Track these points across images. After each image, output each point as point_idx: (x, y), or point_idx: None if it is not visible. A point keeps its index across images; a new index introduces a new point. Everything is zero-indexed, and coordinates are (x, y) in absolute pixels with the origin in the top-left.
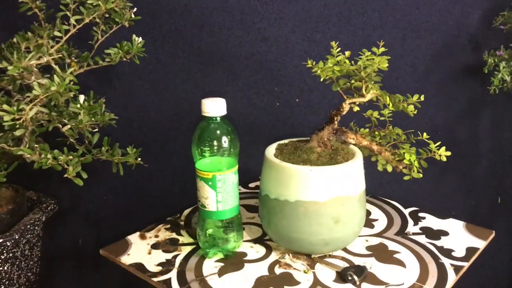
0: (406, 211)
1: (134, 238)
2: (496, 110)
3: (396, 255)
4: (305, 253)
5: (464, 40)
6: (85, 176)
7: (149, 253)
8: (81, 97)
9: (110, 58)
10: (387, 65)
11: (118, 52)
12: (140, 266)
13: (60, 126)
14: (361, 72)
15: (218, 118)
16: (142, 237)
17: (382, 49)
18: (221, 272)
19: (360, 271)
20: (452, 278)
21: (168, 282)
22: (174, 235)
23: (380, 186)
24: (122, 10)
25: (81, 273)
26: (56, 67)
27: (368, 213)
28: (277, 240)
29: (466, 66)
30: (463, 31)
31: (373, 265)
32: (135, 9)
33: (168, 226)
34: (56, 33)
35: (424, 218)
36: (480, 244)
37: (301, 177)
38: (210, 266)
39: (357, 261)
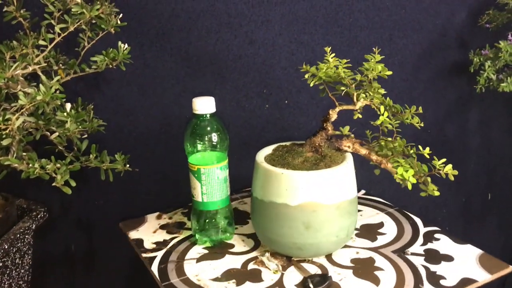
0: (423, 229)
1: (151, 217)
2: (483, 108)
3: (377, 272)
4: (285, 254)
5: (450, 39)
6: (73, 184)
7: (154, 231)
8: (68, 105)
9: (96, 65)
10: (389, 73)
11: (104, 59)
12: (139, 242)
13: (48, 134)
14: (357, 77)
15: (208, 115)
16: (159, 217)
17: (378, 57)
18: (200, 259)
19: (322, 280)
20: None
21: (151, 259)
22: (185, 219)
23: (370, 184)
24: (108, 16)
25: (74, 279)
26: (42, 76)
27: (381, 224)
28: (261, 238)
29: (453, 64)
30: (450, 30)
31: (345, 278)
32: (121, 15)
33: (186, 210)
34: (41, 42)
35: (438, 239)
36: (482, 276)
37: (274, 179)
38: (195, 251)
39: (334, 270)
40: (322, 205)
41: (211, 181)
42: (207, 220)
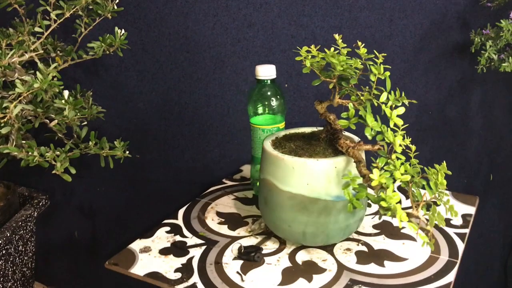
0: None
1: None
2: (485, 88)
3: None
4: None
5: (451, 19)
6: (73, 171)
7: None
8: (66, 93)
9: (94, 52)
10: (387, 74)
11: (101, 45)
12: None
13: (48, 121)
14: (337, 69)
15: (268, 81)
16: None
17: (381, 58)
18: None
19: (253, 251)
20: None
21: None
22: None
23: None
24: (104, 1)
25: (77, 265)
26: (39, 63)
27: None
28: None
29: (455, 44)
30: (451, 9)
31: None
32: (117, 0)
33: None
34: (37, 29)
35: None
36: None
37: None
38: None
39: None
40: (277, 188)
41: None
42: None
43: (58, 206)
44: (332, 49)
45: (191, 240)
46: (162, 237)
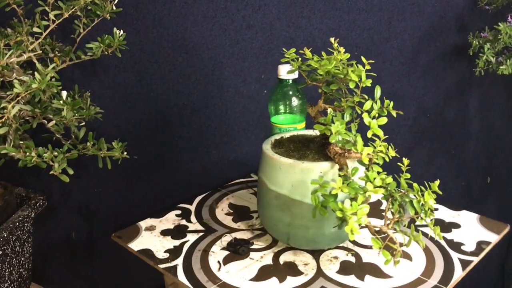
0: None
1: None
2: (483, 91)
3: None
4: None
5: (450, 21)
6: (71, 172)
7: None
8: (64, 93)
9: (92, 52)
10: (368, 81)
11: (100, 46)
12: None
13: (45, 122)
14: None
15: (290, 81)
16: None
17: (367, 66)
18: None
19: (242, 244)
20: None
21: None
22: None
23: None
24: (103, 2)
25: (75, 266)
26: (38, 64)
27: None
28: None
29: (453, 47)
30: (449, 12)
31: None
32: (116, 1)
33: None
34: (36, 29)
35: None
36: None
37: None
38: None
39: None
40: (266, 186)
41: None
42: None
43: (55, 206)
44: (324, 53)
45: (193, 225)
46: (169, 219)
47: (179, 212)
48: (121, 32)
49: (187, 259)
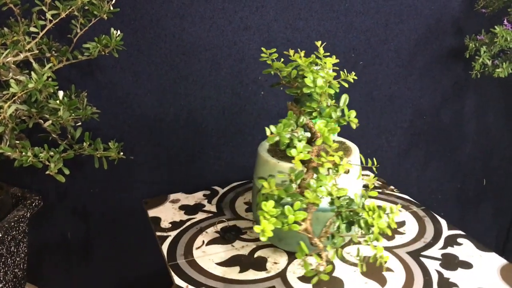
0: (446, 232)
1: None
2: (479, 93)
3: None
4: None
5: (447, 24)
6: (67, 172)
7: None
8: (60, 93)
9: (89, 52)
10: (328, 90)
11: (97, 46)
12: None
13: (42, 122)
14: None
15: None
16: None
17: (333, 73)
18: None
19: (234, 230)
20: None
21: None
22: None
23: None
24: (100, 2)
25: (70, 267)
26: (34, 63)
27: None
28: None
29: (449, 50)
30: (446, 15)
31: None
32: (113, 1)
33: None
34: (33, 29)
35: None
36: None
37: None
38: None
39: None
40: (254, 182)
41: None
42: None
43: (50, 207)
44: (293, 54)
45: (209, 207)
46: (195, 197)
47: (208, 192)
48: (118, 32)
49: (182, 233)
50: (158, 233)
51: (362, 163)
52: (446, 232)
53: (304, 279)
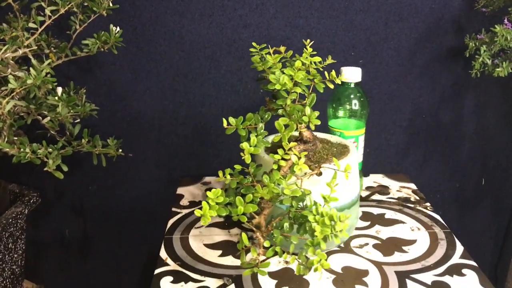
0: (456, 260)
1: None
2: (479, 93)
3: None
4: None
5: (447, 23)
6: (65, 169)
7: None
8: (59, 90)
9: (88, 49)
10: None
11: (96, 43)
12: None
13: (40, 118)
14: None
15: (352, 84)
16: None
17: (301, 72)
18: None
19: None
20: None
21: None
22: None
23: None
24: None
25: (67, 264)
26: (33, 59)
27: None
28: None
29: (450, 49)
30: (446, 13)
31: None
32: None
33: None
34: (32, 25)
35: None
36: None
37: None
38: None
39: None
40: None
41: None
42: None
43: (48, 203)
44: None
45: None
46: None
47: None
48: (118, 29)
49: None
50: (173, 209)
51: (336, 169)
52: (455, 260)
53: (272, 275)
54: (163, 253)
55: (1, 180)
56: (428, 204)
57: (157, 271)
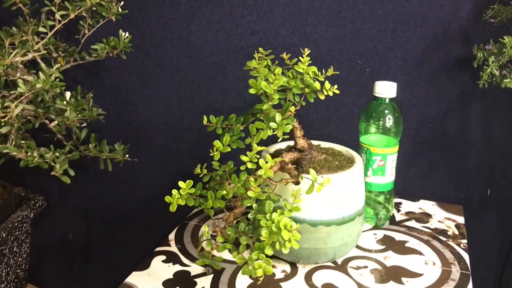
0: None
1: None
2: (486, 103)
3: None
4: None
5: (454, 33)
6: (72, 173)
7: None
8: (67, 94)
9: (97, 54)
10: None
11: (105, 48)
12: None
13: (47, 122)
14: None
15: (387, 100)
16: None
17: (281, 78)
18: None
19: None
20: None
21: None
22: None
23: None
24: (109, 4)
25: (71, 267)
26: (42, 64)
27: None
28: None
29: (457, 59)
30: (454, 23)
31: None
32: (122, 3)
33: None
34: (41, 29)
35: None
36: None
37: None
38: None
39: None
40: None
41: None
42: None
43: (53, 207)
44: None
45: None
46: None
47: None
48: (127, 34)
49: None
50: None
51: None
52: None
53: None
54: (172, 235)
55: (6, 184)
56: (464, 241)
57: (157, 249)
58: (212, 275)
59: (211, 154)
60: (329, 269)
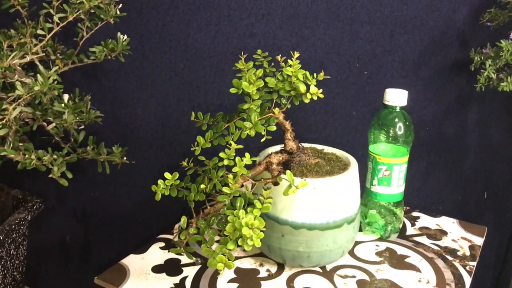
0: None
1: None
2: (482, 106)
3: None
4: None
5: (452, 36)
6: (70, 176)
7: None
8: (65, 96)
9: (95, 56)
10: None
11: (103, 50)
12: None
13: (45, 124)
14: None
15: (397, 108)
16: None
17: (259, 81)
18: None
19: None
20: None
21: None
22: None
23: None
24: (107, 6)
25: (68, 270)
26: (40, 66)
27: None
28: None
29: (454, 62)
30: (451, 27)
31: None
32: (120, 6)
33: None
34: (40, 31)
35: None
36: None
37: None
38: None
39: None
40: None
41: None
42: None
43: (50, 209)
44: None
45: None
46: None
47: None
48: (125, 36)
49: None
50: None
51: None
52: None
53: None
54: (177, 224)
55: (4, 186)
56: (472, 263)
57: (160, 236)
58: (200, 266)
59: (191, 149)
60: (315, 274)
